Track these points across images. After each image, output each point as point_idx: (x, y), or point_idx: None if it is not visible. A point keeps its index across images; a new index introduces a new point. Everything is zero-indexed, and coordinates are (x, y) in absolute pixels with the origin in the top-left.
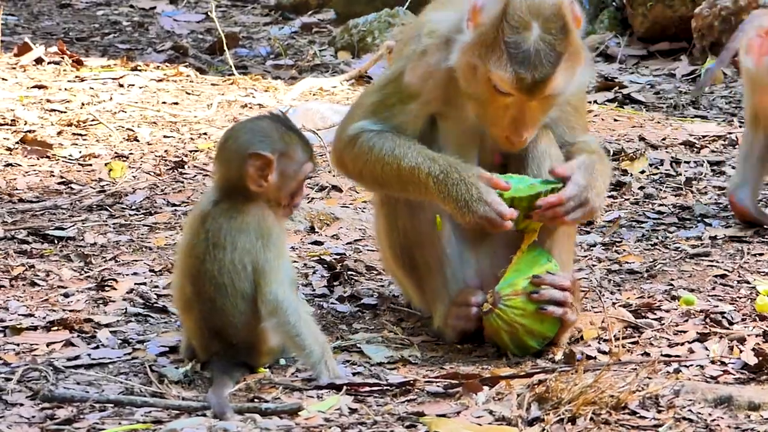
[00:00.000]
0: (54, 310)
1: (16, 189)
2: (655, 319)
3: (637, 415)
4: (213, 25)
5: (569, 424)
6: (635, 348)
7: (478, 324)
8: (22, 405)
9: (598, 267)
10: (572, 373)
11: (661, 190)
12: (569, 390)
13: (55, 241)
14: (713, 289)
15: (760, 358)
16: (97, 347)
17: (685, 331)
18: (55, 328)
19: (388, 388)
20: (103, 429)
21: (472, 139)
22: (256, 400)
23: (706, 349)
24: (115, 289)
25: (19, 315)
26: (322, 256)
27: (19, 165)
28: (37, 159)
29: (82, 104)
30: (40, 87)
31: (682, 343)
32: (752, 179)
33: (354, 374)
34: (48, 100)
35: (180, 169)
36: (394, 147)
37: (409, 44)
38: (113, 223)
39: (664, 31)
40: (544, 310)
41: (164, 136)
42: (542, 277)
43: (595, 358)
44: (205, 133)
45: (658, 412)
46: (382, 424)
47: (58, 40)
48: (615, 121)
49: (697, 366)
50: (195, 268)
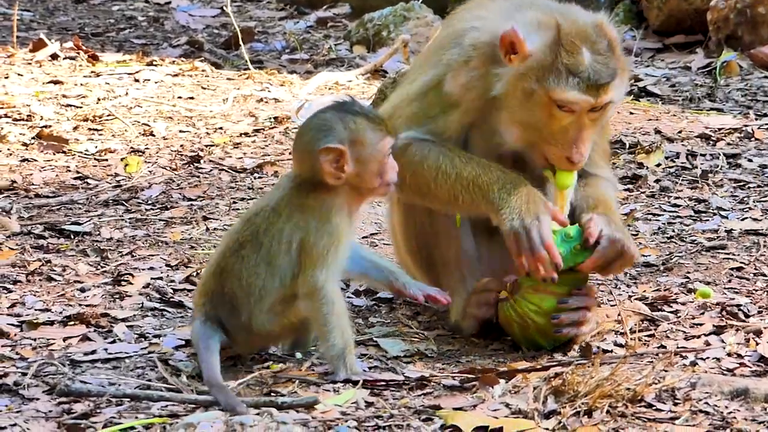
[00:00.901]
0: (70, 305)
1: (33, 184)
2: (672, 312)
3: (654, 408)
4: (228, 20)
5: (585, 417)
6: (651, 341)
7: (497, 313)
8: (38, 399)
9: None
10: (588, 367)
11: (677, 183)
12: (585, 383)
13: (72, 236)
14: (729, 281)
15: None
16: (114, 342)
17: (701, 324)
18: (72, 323)
19: (405, 381)
20: (120, 423)
21: (493, 157)
22: (272, 394)
23: (723, 341)
24: (132, 284)
25: (36, 310)
26: None
27: (35, 160)
28: (53, 154)
29: (98, 99)
30: (55, 82)
31: (699, 336)
32: None
33: (370, 368)
34: (64, 96)
35: (196, 164)
36: (454, 157)
37: (447, 51)
38: (129, 218)
39: (680, 24)
40: (560, 332)
41: (180, 131)
42: (568, 303)
43: (611, 352)
44: (221, 128)
45: (675, 404)
46: (398, 418)
47: (74, 36)
48: (631, 114)
49: (714, 359)
50: (250, 215)
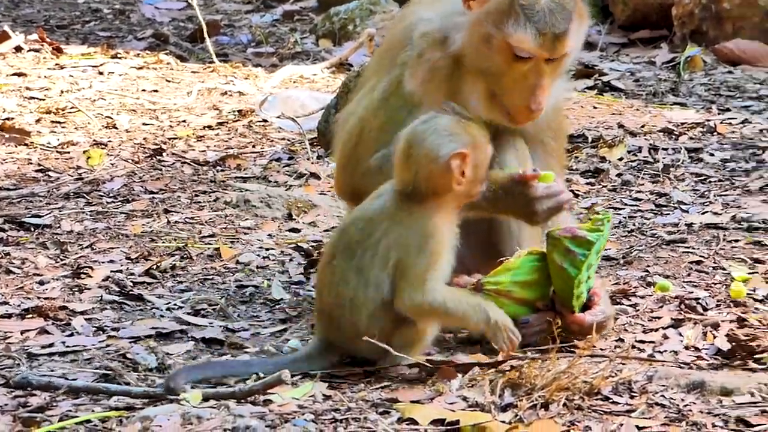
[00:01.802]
0: (29, 298)
1: None
2: (631, 306)
3: (610, 401)
4: (194, 13)
5: (542, 409)
6: (610, 334)
7: None
8: None
9: None
10: (545, 360)
11: (639, 177)
12: (542, 376)
13: (32, 229)
14: (689, 275)
15: (734, 344)
16: (72, 335)
17: (659, 318)
18: (30, 316)
19: (363, 374)
20: (76, 416)
21: None
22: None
23: (680, 335)
24: (91, 277)
25: None
26: (299, 243)
27: None
28: (15, 147)
29: (61, 92)
30: (19, 75)
31: (657, 329)
32: None
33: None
34: (27, 88)
35: (158, 157)
36: None
37: (400, 50)
38: (90, 211)
39: (645, 19)
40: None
41: (143, 124)
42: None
43: (569, 344)
44: (185, 121)
45: (631, 397)
46: (355, 411)
47: (38, 28)
48: (594, 108)
49: (671, 352)
50: (345, 226)
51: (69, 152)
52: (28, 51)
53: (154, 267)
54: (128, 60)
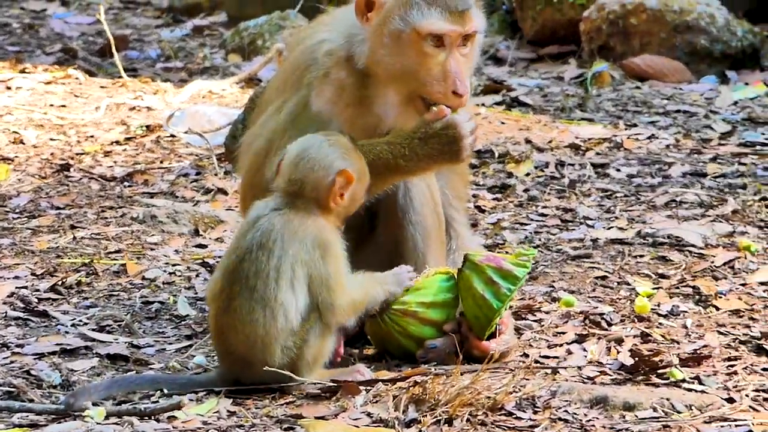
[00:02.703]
0: None
1: None
2: (535, 321)
3: (514, 416)
4: (103, 28)
5: (446, 425)
6: (509, 352)
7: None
8: None
9: None
10: (449, 375)
11: (546, 193)
12: (446, 392)
13: None
14: (593, 290)
15: (637, 359)
16: None
17: (564, 333)
18: None
19: (268, 390)
20: None
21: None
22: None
23: (584, 350)
24: None
25: None
26: (206, 259)
27: None
28: None
29: None
30: None
31: (561, 345)
32: None
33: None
34: None
35: (66, 172)
36: None
37: (305, 70)
38: None
39: (554, 35)
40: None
41: (51, 139)
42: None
43: (473, 360)
44: (92, 136)
45: (534, 412)
46: (260, 427)
47: None
48: (502, 123)
49: (575, 367)
50: (232, 265)
51: None
52: None
53: (60, 283)
54: (36, 75)
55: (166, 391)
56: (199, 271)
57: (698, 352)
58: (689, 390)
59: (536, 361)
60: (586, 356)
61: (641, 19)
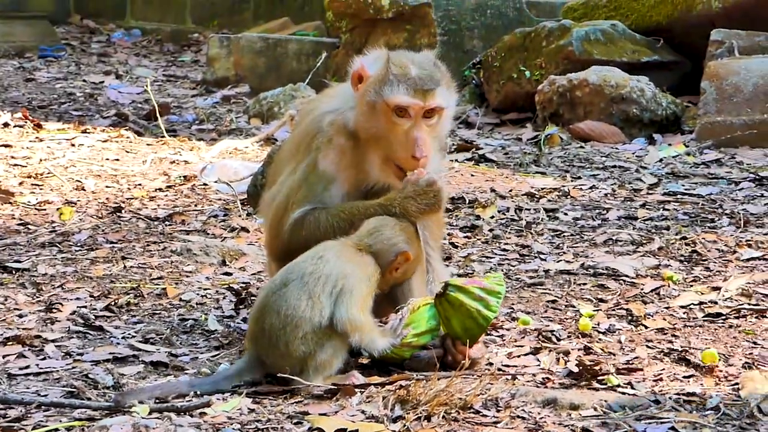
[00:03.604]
0: (10, 329)
1: None
2: (498, 336)
3: (480, 414)
4: (150, 97)
5: (425, 421)
6: (481, 359)
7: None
8: None
9: None
10: (428, 380)
11: (507, 232)
12: (426, 393)
13: (13, 272)
14: (545, 311)
15: (581, 368)
16: (44, 359)
17: (522, 346)
18: (10, 343)
19: (281, 392)
20: (47, 426)
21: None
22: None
23: (538, 360)
24: (61, 311)
25: None
26: (231, 285)
27: None
28: (1, 205)
29: (40, 160)
30: (5, 146)
31: (519, 356)
32: None
33: (253, 380)
34: (12, 157)
35: (118, 214)
36: (340, 212)
37: (314, 138)
38: (62, 257)
39: (514, 104)
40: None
41: (106, 186)
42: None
43: (448, 368)
44: (140, 184)
45: (497, 411)
46: (274, 421)
47: (23, 108)
48: (472, 176)
49: (530, 374)
50: (295, 264)
51: (45, 209)
52: (14, 127)
53: (113, 303)
54: (95, 134)
55: (199, 393)
56: (226, 295)
57: (630, 362)
58: (623, 393)
59: (499, 369)
60: (539, 365)
61: (585, 92)
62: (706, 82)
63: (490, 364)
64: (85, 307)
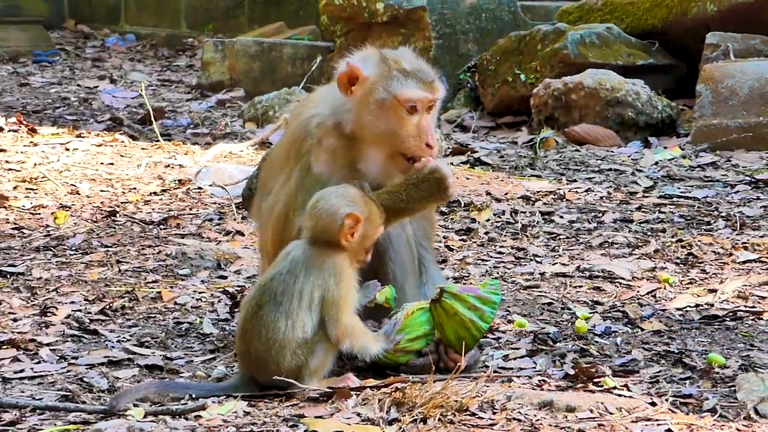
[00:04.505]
0: (4, 332)
1: None
2: (494, 339)
3: (477, 416)
4: (144, 101)
5: (421, 423)
6: (474, 365)
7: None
8: None
9: None
10: (424, 383)
11: (502, 235)
12: (421, 396)
13: (8, 276)
14: (541, 314)
15: (577, 370)
16: (39, 362)
17: (518, 348)
18: (5, 347)
19: (276, 395)
20: (42, 429)
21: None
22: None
23: (534, 362)
24: (56, 315)
25: None
26: (226, 288)
27: None
28: None
29: (35, 164)
30: (0, 150)
31: (515, 358)
32: None
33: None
34: (6, 161)
35: (113, 217)
36: None
37: (303, 140)
38: (56, 261)
39: (509, 107)
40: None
41: (101, 191)
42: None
43: (443, 371)
44: (135, 188)
45: (493, 413)
46: (270, 424)
47: (17, 113)
48: (467, 179)
49: (526, 376)
50: (265, 283)
51: (40, 213)
52: (8, 131)
53: (108, 307)
54: (90, 139)
55: (193, 396)
56: (221, 298)
57: (627, 364)
58: (619, 395)
59: (495, 371)
60: (535, 367)
61: (580, 95)
62: (701, 85)
63: (486, 367)
64: (80, 310)
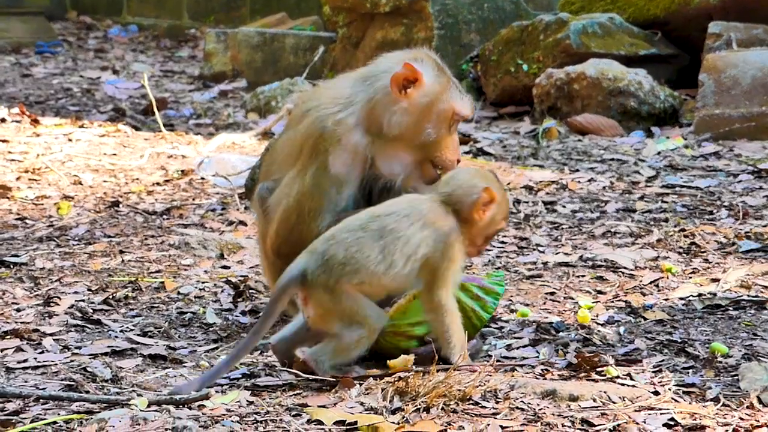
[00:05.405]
0: (8, 322)
1: None
2: (497, 328)
3: (480, 406)
4: (147, 92)
5: (424, 412)
6: (476, 354)
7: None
8: None
9: None
10: (427, 372)
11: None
12: (424, 385)
13: (11, 266)
14: (544, 303)
15: (580, 359)
16: (42, 352)
17: (521, 338)
18: (8, 337)
19: (280, 384)
20: (45, 419)
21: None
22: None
23: (537, 352)
24: (59, 305)
25: None
26: (229, 278)
27: None
28: None
29: (38, 155)
30: (3, 141)
31: (518, 347)
32: None
33: (251, 373)
34: (9, 152)
35: (116, 208)
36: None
37: (320, 140)
38: (59, 251)
39: (511, 97)
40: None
41: (104, 181)
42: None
43: (446, 360)
44: (138, 179)
45: (496, 403)
46: (273, 414)
47: (20, 103)
48: None
49: (529, 366)
50: (380, 211)
51: (43, 204)
52: (11, 122)
53: (111, 297)
54: (93, 129)
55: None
56: (224, 288)
57: (629, 354)
58: (622, 384)
59: (498, 361)
60: (538, 357)
61: (582, 85)
62: (704, 75)
63: (489, 356)
64: (83, 300)
